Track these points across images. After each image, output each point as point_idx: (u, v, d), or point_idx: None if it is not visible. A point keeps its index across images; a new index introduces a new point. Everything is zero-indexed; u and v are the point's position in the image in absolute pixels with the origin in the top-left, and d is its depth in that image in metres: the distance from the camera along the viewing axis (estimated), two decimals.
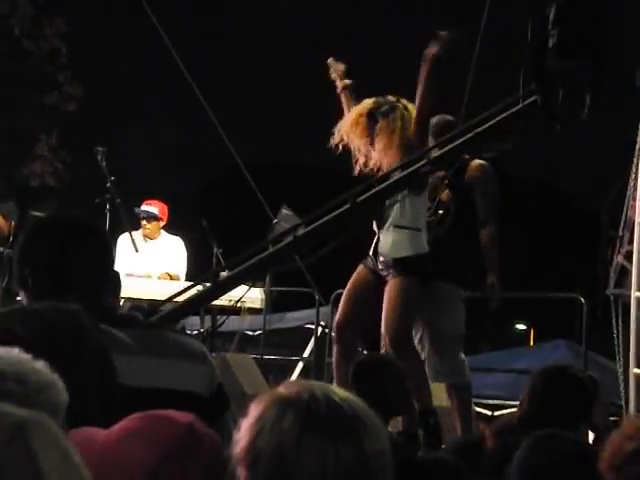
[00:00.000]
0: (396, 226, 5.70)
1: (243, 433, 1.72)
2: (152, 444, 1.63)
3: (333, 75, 6.12)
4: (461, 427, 5.93)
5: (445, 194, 6.05)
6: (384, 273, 5.78)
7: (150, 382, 2.30)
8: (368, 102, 5.89)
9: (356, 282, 5.88)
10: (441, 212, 6.06)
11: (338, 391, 1.76)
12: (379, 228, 5.78)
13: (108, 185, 8.17)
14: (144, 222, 8.54)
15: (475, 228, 6.25)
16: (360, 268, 5.91)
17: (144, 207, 8.63)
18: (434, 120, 6.00)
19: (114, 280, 2.59)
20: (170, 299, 5.35)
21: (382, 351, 5.80)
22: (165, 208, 8.70)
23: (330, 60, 6.16)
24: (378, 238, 5.77)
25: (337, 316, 5.90)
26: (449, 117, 6.15)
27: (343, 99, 6.10)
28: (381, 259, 5.78)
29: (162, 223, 8.63)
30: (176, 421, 1.68)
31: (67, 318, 2.12)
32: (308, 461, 1.66)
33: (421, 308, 5.92)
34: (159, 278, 8.26)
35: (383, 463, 1.71)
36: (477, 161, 6.10)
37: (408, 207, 5.68)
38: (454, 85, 7.00)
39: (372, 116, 5.80)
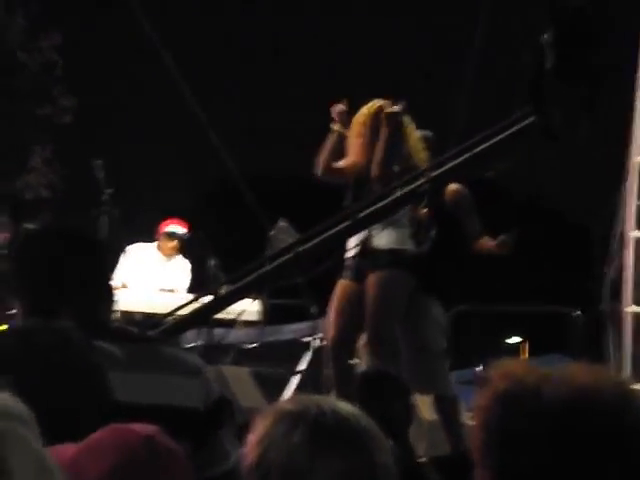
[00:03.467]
0: (396, 223, 5.75)
1: (251, 448, 1.74)
2: (109, 454, 1.63)
3: (335, 115, 6.09)
4: (450, 441, 5.95)
5: (422, 213, 6.12)
6: (370, 269, 5.81)
7: (145, 398, 2.28)
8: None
9: (342, 296, 5.89)
10: (419, 231, 6.13)
11: (344, 405, 1.79)
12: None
13: (105, 197, 8.20)
14: (173, 243, 8.57)
15: (454, 247, 6.29)
16: (341, 282, 5.93)
17: (174, 227, 8.66)
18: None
19: (109, 293, 2.57)
20: (171, 313, 5.39)
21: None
22: (188, 229, 8.76)
23: (336, 108, 6.09)
24: (367, 237, 5.78)
25: (331, 334, 5.91)
26: (428, 134, 6.19)
27: (330, 139, 6.09)
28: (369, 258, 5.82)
29: (182, 244, 8.71)
30: (135, 432, 1.68)
31: (57, 337, 2.10)
32: (319, 474, 1.68)
33: (405, 319, 5.97)
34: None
35: (389, 475, 1.75)
36: (453, 184, 6.13)
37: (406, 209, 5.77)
38: (452, 104, 7.06)
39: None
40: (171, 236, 8.57)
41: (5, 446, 1.34)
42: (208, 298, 5.55)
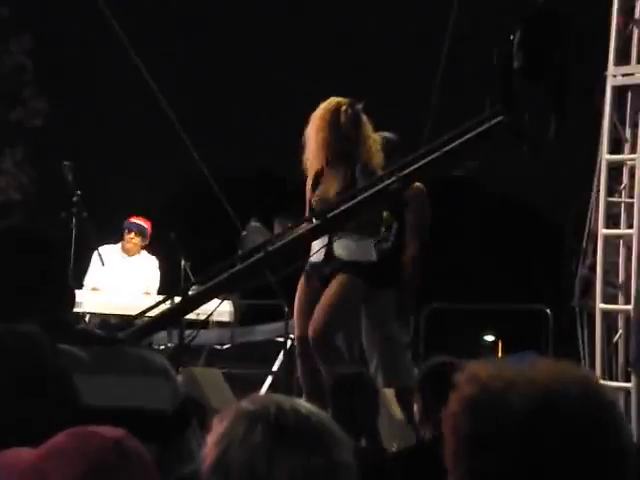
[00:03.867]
0: (355, 233, 5.81)
1: (210, 449, 1.71)
2: (76, 460, 1.60)
3: None
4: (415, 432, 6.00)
5: (386, 212, 6.25)
6: (332, 272, 5.88)
7: (112, 401, 2.25)
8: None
9: (302, 297, 5.96)
10: (383, 229, 6.26)
11: (304, 404, 1.77)
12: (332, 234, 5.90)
13: (75, 199, 8.17)
14: (132, 235, 8.54)
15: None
16: (301, 283, 5.99)
17: (134, 220, 8.64)
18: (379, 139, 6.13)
19: (70, 294, 2.53)
20: (141, 314, 5.35)
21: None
22: (150, 227, 8.72)
23: None
24: (330, 242, 5.83)
25: (296, 332, 5.98)
26: (390, 136, 6.24)
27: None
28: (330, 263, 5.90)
29: (146, 241, 8.66)
30: (103, 436, 1.64)
31: (24, 341, 2.08)
32: (279, 474, 1.66)
33: (371, 314, 6.15)
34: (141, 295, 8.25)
35: (349, 473, 1.73)
36: (417, 185, 6.23)
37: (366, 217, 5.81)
38: (420, 104, 7.07)
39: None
40: (131, 229, 8.53)
41: None
42: (178, 299, 5.52)
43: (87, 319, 7.91)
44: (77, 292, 8.25)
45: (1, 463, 1.54)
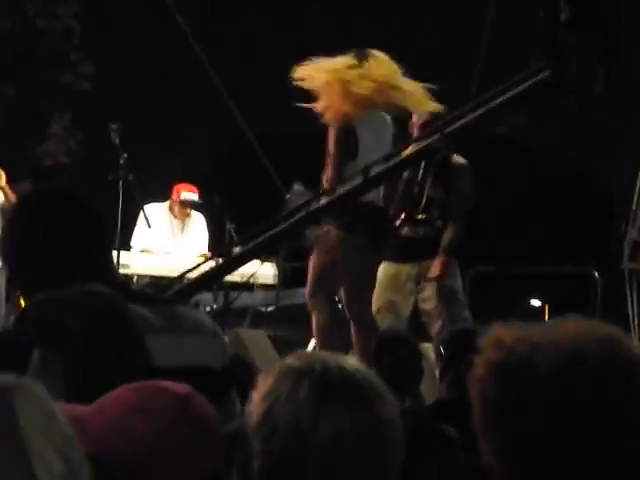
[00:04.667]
0: None
1: (256, 405, 1.74)
2: (152, 419, 1.61)
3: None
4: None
5: (432, 190, 6.25)
6: None
7: (177, 361, 2.26)
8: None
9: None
10: (434, 212, 6.30)
11: (349, 360, 1.79)
12: None
13: (121, 162, 8.20)
14: (187, 210, 8.62)
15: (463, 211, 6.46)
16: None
17: (188, 195, 8.69)
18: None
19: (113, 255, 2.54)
20: (183, 275, 5.36)
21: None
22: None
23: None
24: None
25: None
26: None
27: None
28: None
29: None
30: (174, 392, 1.66)
31: (109, 303, 2.12)
32: (325, 430, 1.68)
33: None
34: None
35: (396, 431, 1.74)
36: (459, 160, 6.32)
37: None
38: (467, 59, 6.97)
39: None
40: (184, 204, 8.58)
41: (15, 396, 1.34)
42: (220, 259, 5.52)
43: (134, 280, 7.96)
44: (125, 254, 8.29)
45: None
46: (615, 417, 1.50)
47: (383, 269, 6.36)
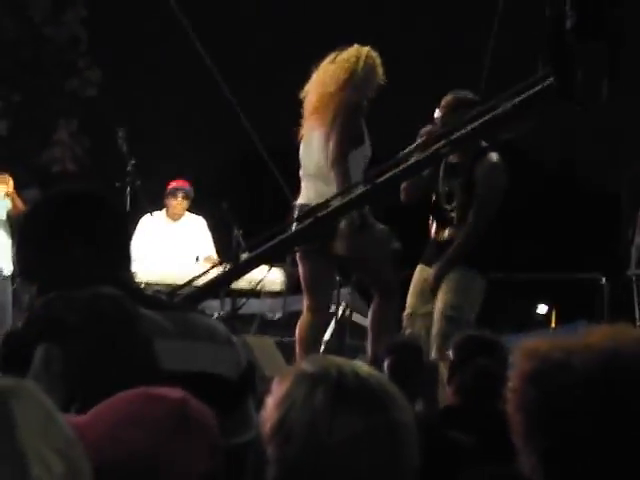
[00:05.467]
0: None
1: (271, 411, 1.74)
2: (148, 428, 1.61)
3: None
4: None
5: (461, 189, 6.02)
6: None
7: (187, 366, 2.26)
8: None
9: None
10: (466, 208, 6.02)
11: (362, 366, 1.80)
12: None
13: (129, 169, 8.19)
14: (179, 199, 8.52)
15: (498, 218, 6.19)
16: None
17: (178, 184, 8.62)
18: (448, 98, 5.99)
19: (131, 259, 2.52)
20: (190, 282, 5.37)
21: None
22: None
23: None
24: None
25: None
26: (464, 93, 6.00)
27: None
28: None
29: (189, 203, 8.67)
30: (169, 399, 1.66)
31: (116, 306, 2.12)
32: (340, 435, 1.68)
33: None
34: (203, 260, 8.24)
35: (410, 435, 1.75)
36: (491, 159, 5.99)
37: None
38: (471, 67, 6.98)
39: None
40: (177, 193, 8.51)
41: (13, 399, 1.35)
42: (228, 266, 5.53)
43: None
44: None
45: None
46: None
47: (417, 272, 6.23)
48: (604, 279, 8.47)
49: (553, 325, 20.12)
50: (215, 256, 8.37)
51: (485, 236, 6.03)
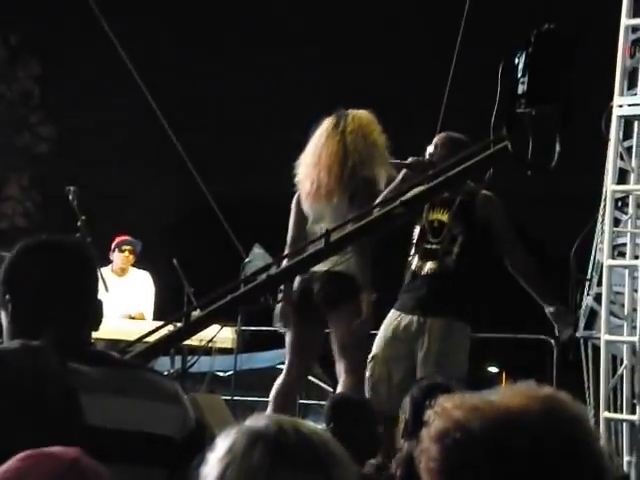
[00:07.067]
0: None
1: (211, 466, 1.72)
2: None
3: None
4: None
5: (451, 222, 5.89)
6: None
7: (119, 423, 2.23)
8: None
9: None
10: (452, 243, 5.97)
11: (305, 424, 1.77)
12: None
13: (79, 224, 8.15)
14: (126, 253, 8.51)
15: (479, 263, 6.30)
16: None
17: (123, 239, 8.62)
18: (443, 136, 5.89)
19: (97, 312, 2.49)
20: (140, 339, 5.32)
21: None
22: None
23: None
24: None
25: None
26: (457, 135, 5.87)
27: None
28: None
29: (134, 258, 8.65)
30: (59, 458, 1.63)
31: (30, 358, 2.06)
32: None
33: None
34: (133, 318, 8.21)
35: None
36: (486, 194, 5.91)
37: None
38: (426, 128, 7.05)
39: None
40: (123, 248, 8.51)
41: None
42: (178, 324, 5.50)
43: None
44: None
45: None
46: (551, 475, 1.51)
47: (390, 317, 6.10)
48: (553, 341, 8.52)
49: (503, 385, 20.16)
50: (148, 314, 8.33)
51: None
